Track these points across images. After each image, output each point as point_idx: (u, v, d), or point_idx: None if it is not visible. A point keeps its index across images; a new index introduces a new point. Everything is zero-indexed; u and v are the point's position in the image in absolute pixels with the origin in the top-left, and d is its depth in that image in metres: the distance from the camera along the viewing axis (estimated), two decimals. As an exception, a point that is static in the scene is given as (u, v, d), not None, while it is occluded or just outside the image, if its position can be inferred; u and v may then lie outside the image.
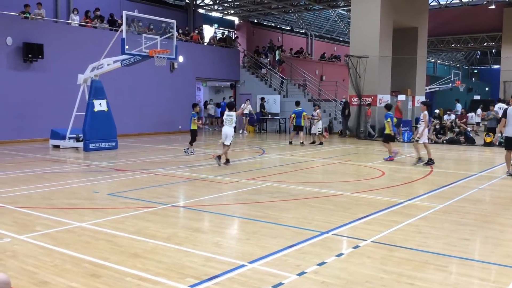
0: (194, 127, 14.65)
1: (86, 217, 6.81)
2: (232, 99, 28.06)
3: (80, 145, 15.89)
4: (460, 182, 10.20)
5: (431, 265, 4.87)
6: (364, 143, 20.05)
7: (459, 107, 29.56)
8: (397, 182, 10.13)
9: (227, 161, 12.49)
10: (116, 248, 5.40)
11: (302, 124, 18.74)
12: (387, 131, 13.89)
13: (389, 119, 13.75)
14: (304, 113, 18.78)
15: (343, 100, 24.71)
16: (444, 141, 19.70)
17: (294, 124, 18.94)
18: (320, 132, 18.83)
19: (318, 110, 18.97)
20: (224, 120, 12.68)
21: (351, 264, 4.89)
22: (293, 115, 18.95)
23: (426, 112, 12.70)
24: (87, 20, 21.49)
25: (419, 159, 12.65)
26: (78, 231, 6.11)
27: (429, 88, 34.91)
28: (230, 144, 12.46)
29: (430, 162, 12.61)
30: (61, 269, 4.72)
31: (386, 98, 23.55)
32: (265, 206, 7.68)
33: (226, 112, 12.65)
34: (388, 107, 14.38)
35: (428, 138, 20.08)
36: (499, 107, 27.44)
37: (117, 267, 4.76)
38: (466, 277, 4.62)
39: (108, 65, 15.96)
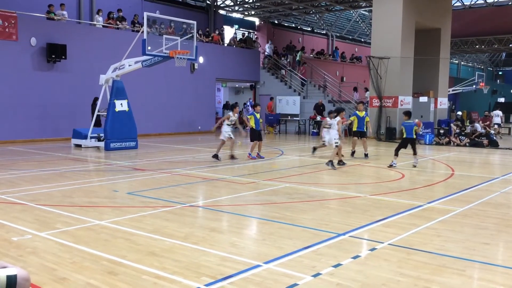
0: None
1: (106, 216, 6.90)
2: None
3: (101, 144, 16.11)
4: (482, 185, 10.03)
5: (449, 269, 4.80)
6: (385, 145, 19.85)
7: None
8: (417, 185, 10.00)
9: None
10: (134, 246, 5.46)
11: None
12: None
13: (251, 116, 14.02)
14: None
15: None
16: (467, 144, 19.39)
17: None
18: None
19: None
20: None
21: (367, 267, 4.85)
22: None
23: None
24: (110, 21, 21.79)
25: None
26: (97, 229, 6.20)
27: (452, 90, 34.45)
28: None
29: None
30: (80, 266, 4.80)
31: (408, 99, 23.31)
32: (283, 207, 7.68)
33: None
34: None
35: (451, 141, 19.93)
36: (496, 114, 26.81)
37: (135, 265, 4.82)
38: (485, 281, 4.54)
39: (129, 65, 16.14)
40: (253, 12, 32.12)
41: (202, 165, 12.70)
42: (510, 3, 31.33)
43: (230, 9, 31.08)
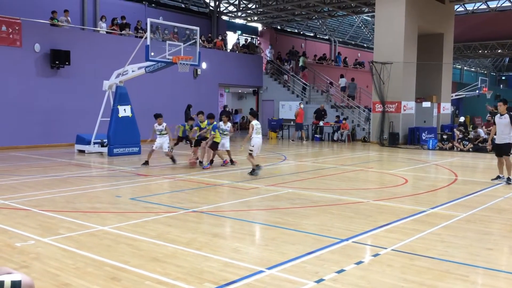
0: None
1: (108, 221, 6.91)
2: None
3: (105, 150, 16.16)
4: (485, 190, 10.00)
5: (452, 275, 4.79)
6: (388, 150, 19.83)
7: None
8: (420, 190, 9.98)
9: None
10: (136, 252, 5.47)
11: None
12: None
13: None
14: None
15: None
16: (470, 149, 19.34)
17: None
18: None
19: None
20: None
21: (370, 272, 4.84)
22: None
23: (253, 122, 11.78)
24: (113, 27, 21.90)
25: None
26: (100, 234, 6.21)
27: (456, 95, 34.40)
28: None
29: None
30: (82, 271, 4.81)
31: (411, 104, 23.30)
32: (285, 212, 7.67)
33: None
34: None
35: (454, 146, 19.87)
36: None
37: (137, 271, 4.82)
38: (489, 287, 4.53)
39: (132, 71, 16.21)
40: (256, 18, 32.24)
41: (205, 170, 12.70)
42: (512, 8, 31.34)
43: (233, 15, 31.19)
